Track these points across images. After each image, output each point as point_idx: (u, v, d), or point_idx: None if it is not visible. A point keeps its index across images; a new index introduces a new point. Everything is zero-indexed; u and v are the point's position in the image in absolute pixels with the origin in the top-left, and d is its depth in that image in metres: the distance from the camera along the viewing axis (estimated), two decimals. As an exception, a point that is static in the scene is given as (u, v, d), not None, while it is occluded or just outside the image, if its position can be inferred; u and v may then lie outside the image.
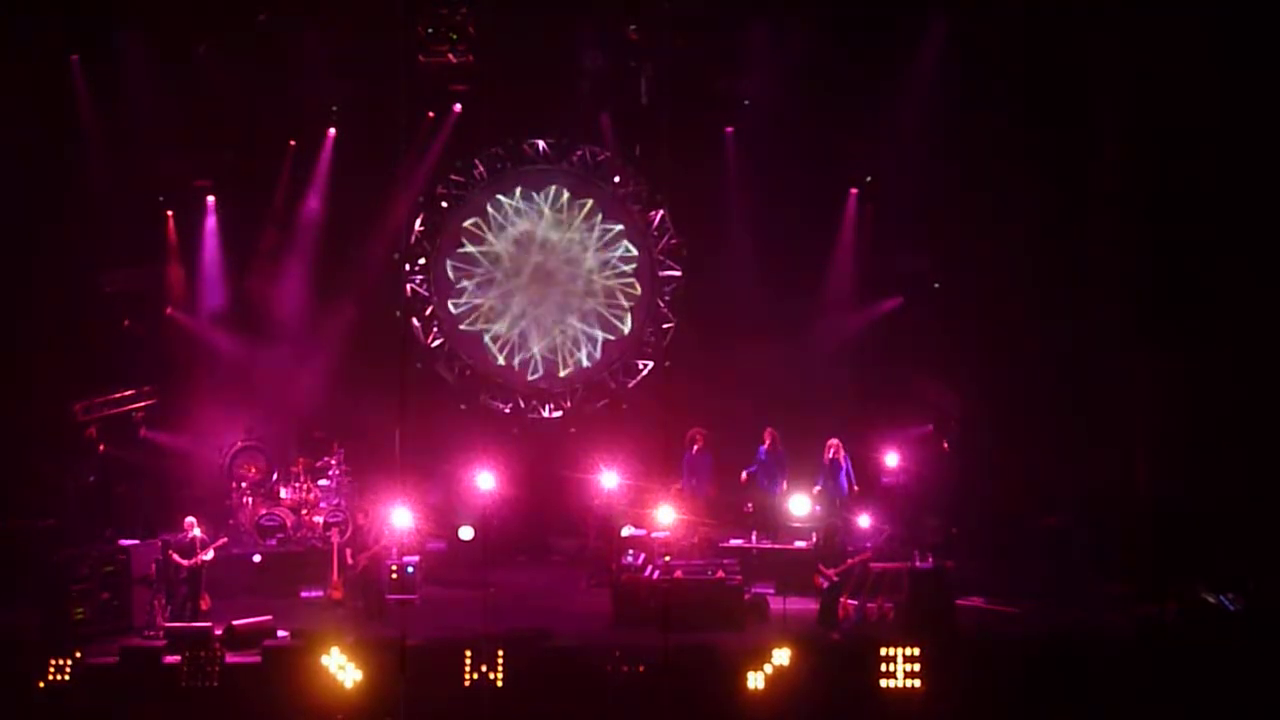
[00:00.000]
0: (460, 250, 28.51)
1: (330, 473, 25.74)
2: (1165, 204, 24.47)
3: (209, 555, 22.36)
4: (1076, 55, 25.35)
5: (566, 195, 28.57)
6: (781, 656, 19.21)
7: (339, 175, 27.76)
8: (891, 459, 25.46)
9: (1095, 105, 25.63)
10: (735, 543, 24.07)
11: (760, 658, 19.25)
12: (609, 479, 25.23)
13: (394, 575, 23.07)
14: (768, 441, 25.47)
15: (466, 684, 19.22)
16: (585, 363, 28.61)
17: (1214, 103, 23.84)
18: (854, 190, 27.76)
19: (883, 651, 19.32)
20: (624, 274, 28.66)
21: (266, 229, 27.77)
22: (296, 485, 25.56)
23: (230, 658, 19.73)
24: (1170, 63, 24.08)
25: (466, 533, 25.20)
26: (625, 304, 28.64)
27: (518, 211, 28.59)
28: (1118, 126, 25.43)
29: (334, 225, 27.80)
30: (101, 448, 26.09)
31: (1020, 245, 25.62)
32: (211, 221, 27.63)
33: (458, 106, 27.84)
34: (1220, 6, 23.64)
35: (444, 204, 28.40)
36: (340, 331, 27.53)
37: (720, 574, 22.21)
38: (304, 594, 23.73)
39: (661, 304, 28.58)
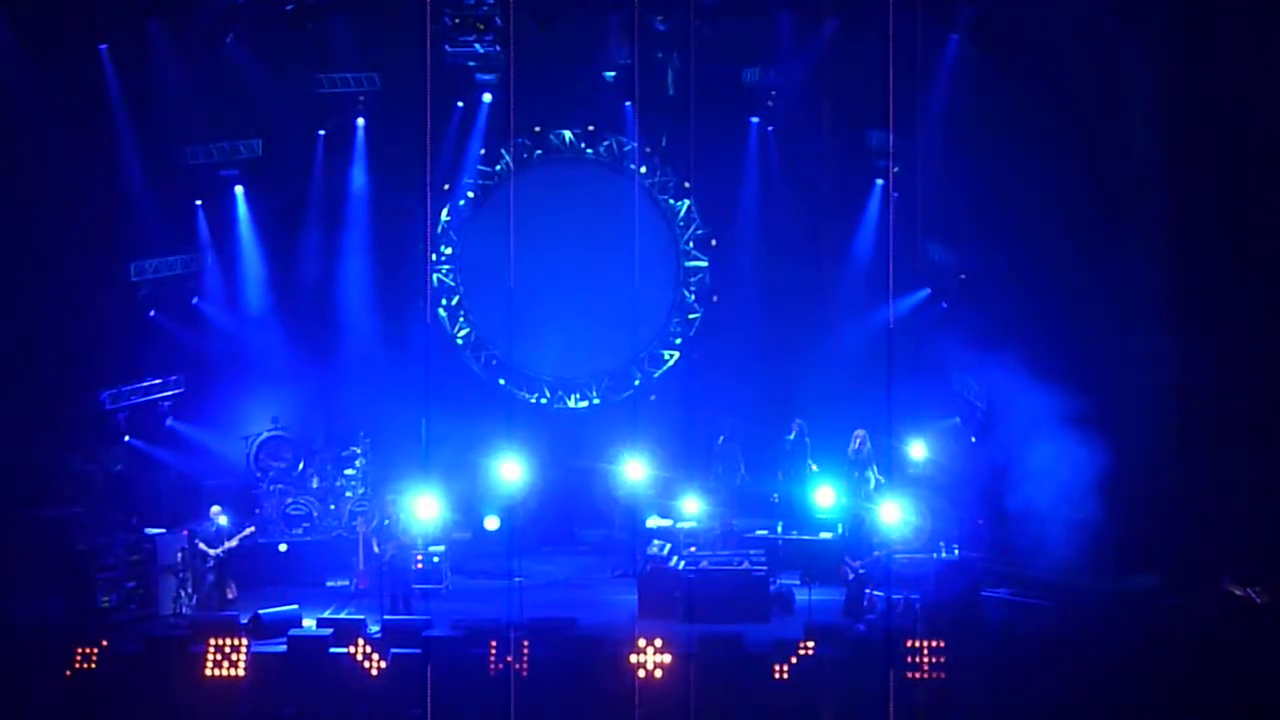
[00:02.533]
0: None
1: (356, 462, 25.75)
2: (1197, 192, 24.28)
3: (235, 544, 22.45)
4: (1106, 42, 25.18)
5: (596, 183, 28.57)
6: (807, 648, 19.18)
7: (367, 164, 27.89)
8: (918, 450, 25.39)
9: (1125, 91, 25.47)
10: (761, 533, 24.03)
11: (785, 649, 19.22)
12: (635, 469, 25.21)
13: (419, 565, 23.11)
14: (795, 432, 25.42)
15: (491, 673, 19.24)
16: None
17: (1247, 88, 23.64)
18: (880, 180, 27.69)
19: (908, 643, 19.26)
20: (649, 264, 28.61)
21: (303, 219, 27.86)
22: (323, 474, 25.60)
23: (256, 646, 19.77)
24: (1201, 47, 23.89)
25: (492, 523, 25.24)
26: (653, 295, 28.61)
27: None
28: (1148, 113, 25.25)
29: (363, 213, 27.88)
30: (128, 437, 26.19)
31: (1047, 235, 25.45)
32: (239, 212, 27.71)
33: (488, 97, 27.84)
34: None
35: (470, 194, 28.38)
36: (367, 320, 27.63)
37: (746, 565, 22.20)
38: (330, 583, 23.79)
39: (688, 294, 28.52)
